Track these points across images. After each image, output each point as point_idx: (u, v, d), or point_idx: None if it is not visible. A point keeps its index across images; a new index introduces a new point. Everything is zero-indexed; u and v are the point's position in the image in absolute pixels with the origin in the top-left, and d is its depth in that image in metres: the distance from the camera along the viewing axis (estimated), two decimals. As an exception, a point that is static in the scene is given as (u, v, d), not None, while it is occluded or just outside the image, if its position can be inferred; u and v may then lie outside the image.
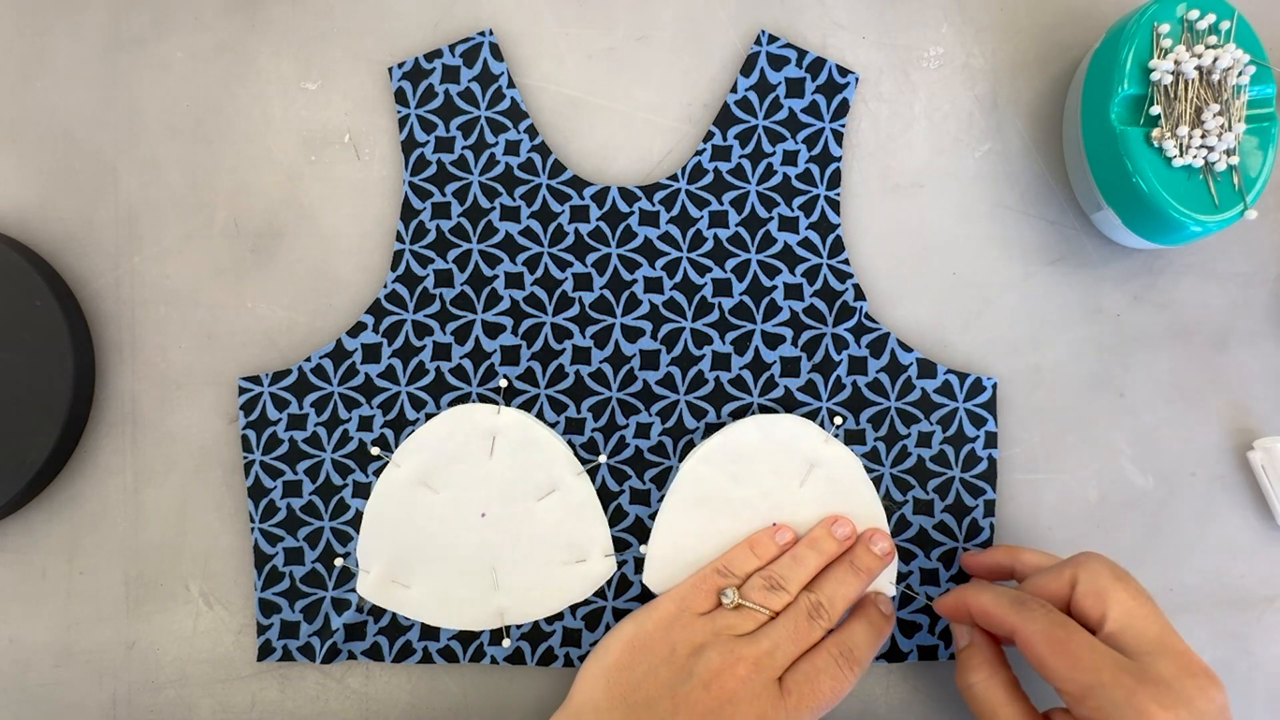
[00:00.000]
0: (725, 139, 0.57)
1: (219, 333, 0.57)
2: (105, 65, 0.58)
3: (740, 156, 0.56)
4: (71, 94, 0.58)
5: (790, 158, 0.57)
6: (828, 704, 0.49)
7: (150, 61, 0.58)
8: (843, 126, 0.57)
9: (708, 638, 0.49)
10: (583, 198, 0.56)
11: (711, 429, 0.55)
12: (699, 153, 0.56)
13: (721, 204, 0.56)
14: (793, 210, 0.56)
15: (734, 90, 0.57)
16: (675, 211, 0.56)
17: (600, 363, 0.56)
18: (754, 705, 0.47)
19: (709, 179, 0.56)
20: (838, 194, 0.57)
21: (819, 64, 0.57)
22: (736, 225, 0.56)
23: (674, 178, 0.56)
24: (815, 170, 0.57)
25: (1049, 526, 0.57)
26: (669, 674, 0.49)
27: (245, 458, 0.56)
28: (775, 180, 0.56)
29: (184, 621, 0.57)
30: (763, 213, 0.56)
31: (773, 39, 0.57)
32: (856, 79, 0.57)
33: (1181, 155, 0.50)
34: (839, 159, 0.57)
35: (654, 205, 0.56)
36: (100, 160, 0.58)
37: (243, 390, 0.56)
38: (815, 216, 0.56)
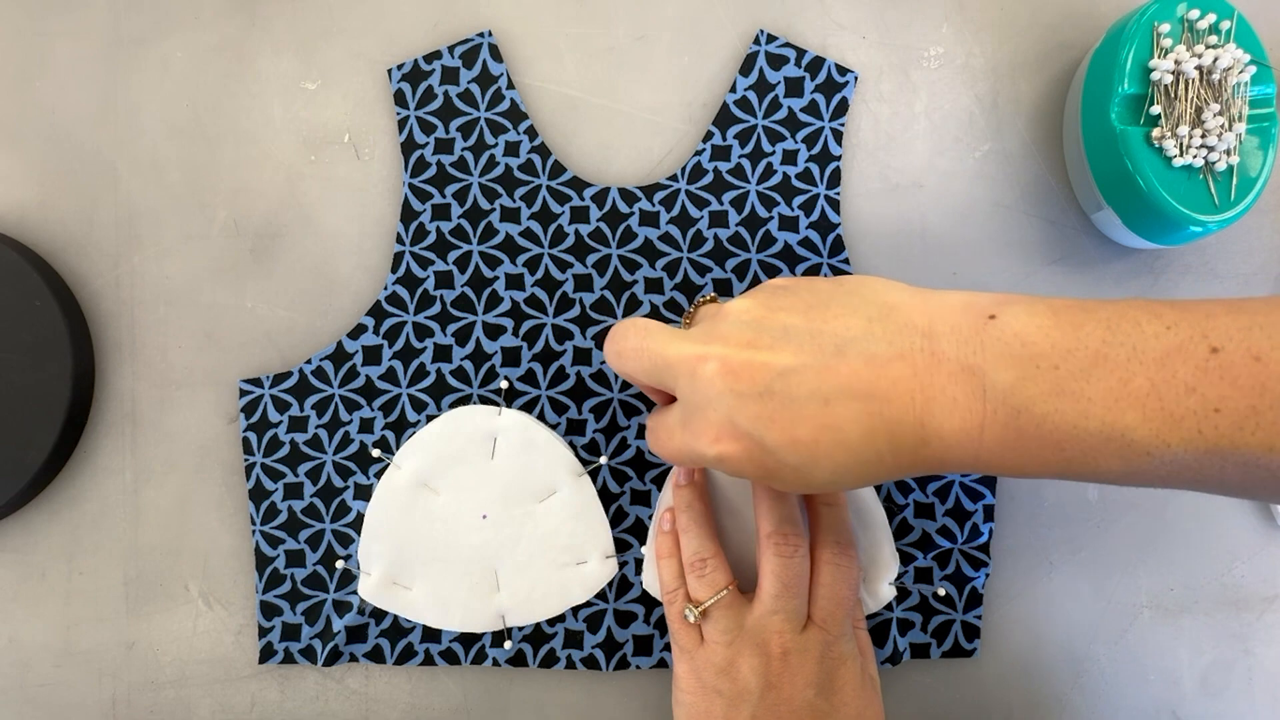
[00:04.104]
0: (725, 139, 0.56)
1: (219, 333, 0.57)
2: (105, 65, 0.58)
3: (740, 156, 0.56)
4: (71, 94, 0.58)
5: (790, 157, 0.57)
6: (855, 602, 0.50)
7: (150, 61, 0.58)
8: (842, 125, 0.57)
9: (726, 656, 0.49)
10: (583, 198, 0.56)
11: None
12: (698, 153, 0.56)
13: (721, 204, 0.56)
14: (793, 210, 0.56)
15: (733, 90, 0.57)
16: (675, 212, 0.56)
17: (601, 364, 0.56)
18: (812, 669, 0.47)
19: (709, 179, 0.56)
20: (838, 193, 0.57)
21: (818, 63, 0.57)
22: (737, 225, 0.56)
23: (674, 178, 0.56)
24: (815, 169, 0.57)
25: (1049, 526, 0.57)
26: (737, 711, 0.48)
27: (246, 460, 0.56)
28: (775, 180, 0.56)
29: (184, 621, 0.57)
30: (763, 212, 0.56)
31: (771, 38, 0.57)
32: (855, 78, 0.57)
33: (1181, 155, 0.50)
34: (839, 158, 0.57)
35: (654, 206, 0.56)
36: (100, 160, 0.58)
37: (244, 392, 0.56)
38: (815, 216, 0.56)
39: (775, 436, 0.38)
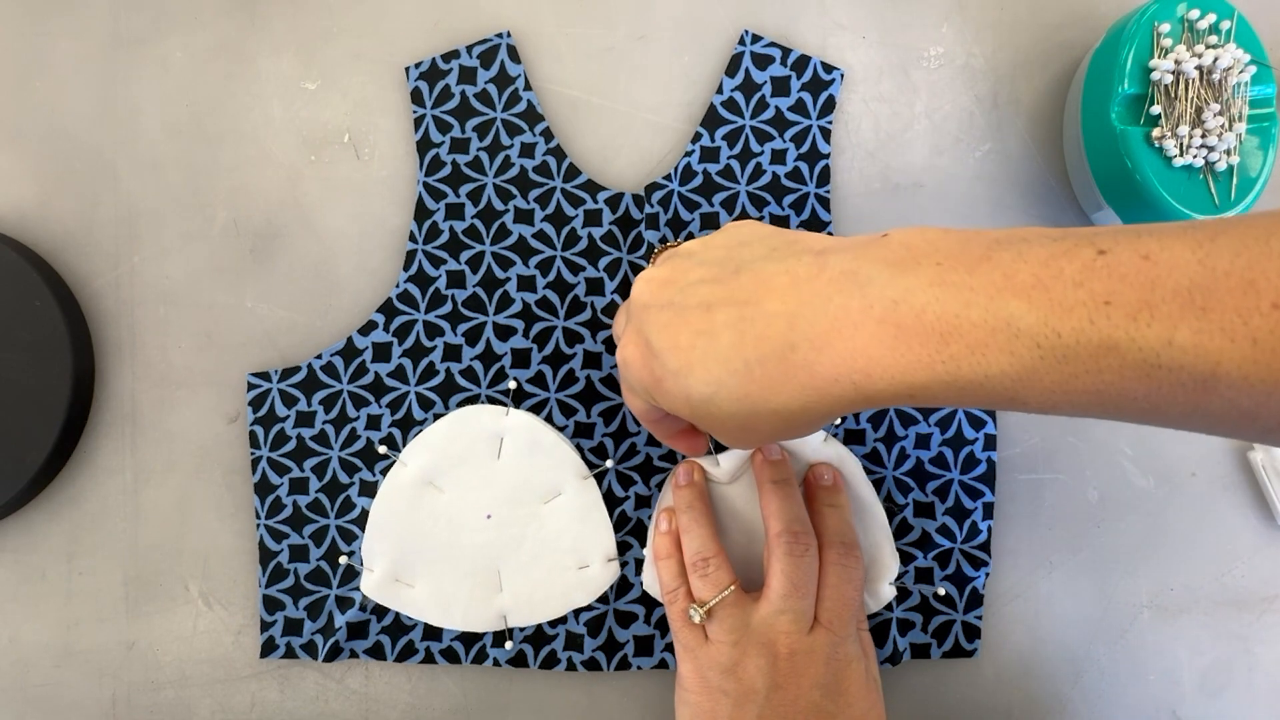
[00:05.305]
0: (713, 140, 0.56)
1: (219, 333, 0.57)
2: (105, 65, 0.58)
3: (729, 157, 0.56)
4: (71, 94, 0.58)
5: (779, 156, 0.57)
6: (859, 603, 0.51)
7: (150, 61, 0.58)
8: (830, 123, 0.57)
9: (732, 655, 0.49)
10: (596, 202, 0.56)
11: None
12: (688, 154, 0.56)
13: (712, 205, 0.56)
14: (783, 209, 0.56)
15: (719, 91, 0.57)
16: (669, 214, 0.56)
17: (611, 368, 0.56)
18: (818, 669, 0.48)
19: (698, 181, 0.56)
20: (827, 191, 0.57)
21: (804, 61, 0.57)
22: None
23: (667, 178, 0.56)
24: (804, 168, 0.57)
25: (1049, 526, 0.57)
26: (743, 711, 0.48)
27: (252, 454, 0.55)
28: (764, 180, 0.56)
29: (184, 621, 0.56)
30: (753, 213, 0.56)
31: (756, 38, 0.57)
32: (842, 75, 0.57)
33: (1182, 155, 0.50)
34: (827, 156, 0.57)
35: (654, 206, 0.56)
36: (100, 160, 0.58)
37: (251, 386, 0.56)
38: (805, 215, 0.56)
39: (662, 340, 0.39)
